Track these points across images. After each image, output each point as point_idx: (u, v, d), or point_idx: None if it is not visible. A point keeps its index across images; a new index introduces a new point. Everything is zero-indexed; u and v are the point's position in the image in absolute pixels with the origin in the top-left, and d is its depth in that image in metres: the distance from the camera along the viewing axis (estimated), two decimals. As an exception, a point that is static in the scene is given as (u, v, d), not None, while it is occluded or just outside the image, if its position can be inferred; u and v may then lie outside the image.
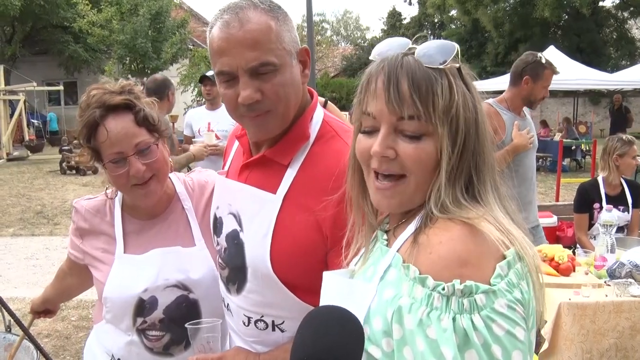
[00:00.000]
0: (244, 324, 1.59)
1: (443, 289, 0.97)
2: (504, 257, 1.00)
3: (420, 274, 1.00)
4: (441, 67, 1.06)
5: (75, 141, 9.31)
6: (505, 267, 0.99)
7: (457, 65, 1.09)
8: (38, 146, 20.93)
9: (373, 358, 1.06)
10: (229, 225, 1.61)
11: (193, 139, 5.96)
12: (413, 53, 1.08)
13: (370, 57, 1.14)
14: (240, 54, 1.38)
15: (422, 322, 0.97)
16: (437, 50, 1.07)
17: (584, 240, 4.58)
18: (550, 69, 3.91)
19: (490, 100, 3.96)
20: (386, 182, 1.09)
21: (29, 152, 20.69)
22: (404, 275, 1.03)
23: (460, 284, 0.96)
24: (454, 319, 0.95)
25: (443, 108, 1.04)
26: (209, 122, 5.77)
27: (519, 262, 1.01)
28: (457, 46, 1.08)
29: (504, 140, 3.80)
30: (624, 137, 4.70)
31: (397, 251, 1.10)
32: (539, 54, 3.99)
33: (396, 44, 1.12)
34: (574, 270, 3.50)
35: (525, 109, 4.10)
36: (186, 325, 1.54)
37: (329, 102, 3.75)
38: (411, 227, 1.10)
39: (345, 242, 1.31)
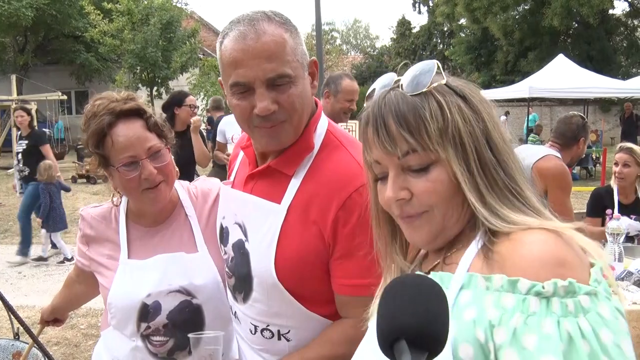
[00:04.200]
0: (251, 332, 1.61)
1: (542, 288, 0.86)
2: (592, 266, 0.93)
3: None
4: (425, 90, 1.01)
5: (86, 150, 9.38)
6: (599, 273, 0.91)
7: (443, 81, 1.03)
8: (60, 154, 21.09)
9: None
10: (234, 235, 1.63)
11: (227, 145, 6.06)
12: (398, 86, 1.04)
13: (365, 105, 1.11)
14: (258, 66, 1.39)
15: (516, 332, 0.86)
16: (416, 76, 1.02)
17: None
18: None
19: None
20: (411, 218, 1.04)
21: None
22: (483, 290, 0.93)
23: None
24: (558, 323, 0.85)
25: (438, 131, 0.99)
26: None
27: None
28: (436, 62, 1.03)
29: None
30: (621, 145, 4.69)
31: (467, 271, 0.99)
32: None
33: (381, 84, 1.09)
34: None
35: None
36: (189, 335, 1.56)
37: None
38: (472, 249, 1.01)
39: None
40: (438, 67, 1.03)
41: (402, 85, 1.04)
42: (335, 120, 3.93)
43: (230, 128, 6.04)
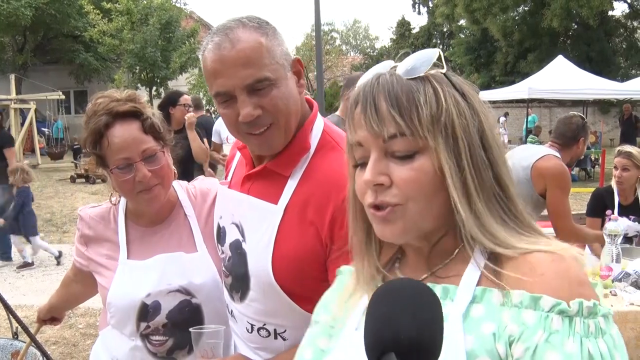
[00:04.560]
0: (247, 330, 1.61)
1: (568, 307, 0.85)
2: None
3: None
4: (422, 75, 0.96)
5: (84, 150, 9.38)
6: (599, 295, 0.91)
7: (442, 70, 0.99)
8: (59, 154, 21.11)
9: None
10: (231, 235, 1.63)
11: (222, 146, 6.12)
12: (394, 71, 0.99)
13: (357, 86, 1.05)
14: (235, 74, 1.40)
15: (537, 349, 0.84)
16: (416, 60, 0.97)
17: (595, 246, 4.56)
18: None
19: None
20: (383, 212, 0.97)
21: (50, 159, 20.87)
22: (498, 305, 0.91)
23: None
24: (580, 343, 0.84)
25: (430, 118, 0.93)
26: None
27: None
28: (438, 51, 0.98)
29: None
30: (619, 149, 4.70)
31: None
32: None
33: (377, 68, 1.03)
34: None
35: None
36: (190, 329, 1.56)
37: None
38: (474, 264, 0.97)
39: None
40: (440, 56, 0.98)
41: (397, 70, 0.99)
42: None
43: (225, 129, 6.05)
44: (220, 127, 6.21)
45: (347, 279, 1.17)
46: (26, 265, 7.74)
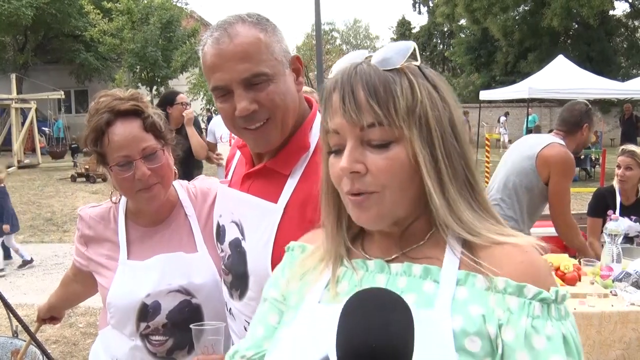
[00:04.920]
0: (245, 329, 1.61)
1: (548, 295, 0.94)
2: None
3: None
4: (398, 67, 0.99)
5: (85, 148, 9.41)
6: None
7: (417, 63, 1.02)
8: (61, 152, 21.13)
9: None
10: (231, 234, 1.63)
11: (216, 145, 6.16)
12: (369, 61, 1.02)
13: (330, 75, 1.07)
14: (232, 68, 1.41)
15: (526, 334, 0.92)
16: (392, 53, 1.00)
17: (596, 246, 4.54)
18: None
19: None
20: (360, 197, 1.00)
21: (51, 158, 20.89)
22: (482, 289, 0.96)
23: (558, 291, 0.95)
24: (558, 326, 0.94)
25: (406, 108, 0.97)
26: None
27: None
28: (413, 44, 1.01)
29: None
30: (623, 148, 4.70)
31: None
32: None
33: (352, 56, 1.05)
34: (580, 280, 3.48)
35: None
36: (191, 326, 1.56)
37: None
38: (454, 247, 1.01)
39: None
40: (414, 49, 1.01)
41: (372, 60, 1.01)
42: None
43: (219, 128, 6.16)
44: (214, 127, 6.25)
45: (298, 254, 1.22)
46: (26, 263, 7.72)
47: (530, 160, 3.84)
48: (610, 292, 3.30)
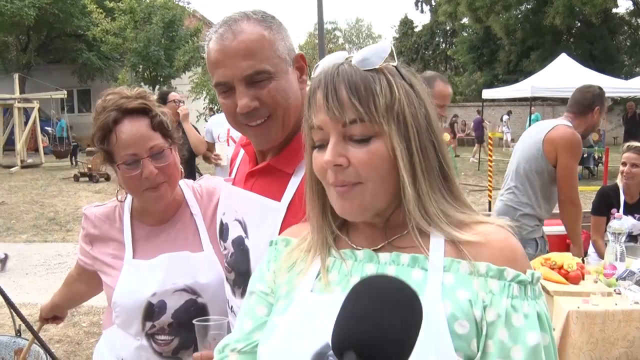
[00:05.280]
0: None
1: (526, 277, 1.02)
2: None
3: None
4: (377, 67, 1.07)
5: (88, 148, 9.41)
6: None
7: (394, 63, 1.10)
8: (65, 152, 21.16)
9: None
10: (234, 232, 1.63)
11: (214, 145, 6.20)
12: (350, 62, 1.09)
13: (312, 76, 1.14)
14: (235, 64, 1.42)
15: (507, 312, 1.00)
16: (371, 53, 1.07)
17: (599, 244, 4.55)
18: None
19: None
20: (345, 188, 1.06)
21: (55, 157, 20.93)
22: (466, 274, 1.04)
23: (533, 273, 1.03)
24: (533, 305, 1.01)
25: (385, 106, 1.04)
26: (228, 129, 5.90)
27: None
28: (390, 46, 1.09)
29: None
30: (629, 144, 4.69)
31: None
32: None
33: (332, 58, 1.12)
34: (583, 279, 3.48)
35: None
36: (194, 321, 1.56)
37: None
38: (439, 237, 1.07)
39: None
40: (391, 50, 1.08)
41: (353, 60, 1.08)
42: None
43: (216, 128, 6.17)
44: (212, 127, 6.27)
45: (283, 248, 1.26)
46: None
47: (537, 145, 3.88)
48: (614, 290, 3.29)
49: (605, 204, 4.58)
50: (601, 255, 4.52)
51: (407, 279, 1.01)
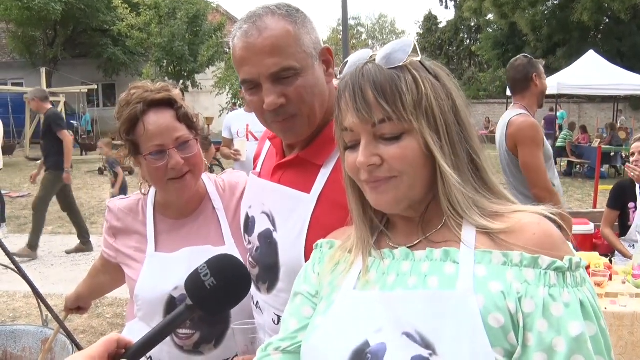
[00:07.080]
0: (274, 322, 1.60)
1: (562, 264, 0.98)
2: None
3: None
4: (401, 64, 1.07)
5: (113, 141, 9.50)
6: None
7: (418, 58, 1.10)
8: (93, 145, 21.45)
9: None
10: (261, 225, 1.62)
11: (232, 141, 6.14)
12: (374, 60, 1.09)
13: (339, 75, 1.16)
14: (261, 62, 1.41)
15: (545, 302, 0.96)
16: (394, 51, 1.08)
17: (607, 234, 4.61)
18: None
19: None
20: (378, 182, 1.09)
21: (83, 150, 21.20)
22: (499, 265, 1.01)
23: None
24: (574, 293, 0.97)
25: (412, 102, 1.05)
26: (247, 124, 5.88)
27: None
28: (413, 41, 1.09)
29: None
30: (638, 135, 4.65)
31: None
32: None
33: (357, 57, 1.13)
34: (611, 280, 3.42)
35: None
36: (232, 326, 1.57)
37: None
38: (470, 228, 1.07)
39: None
40: (414, 45, 1.08)
41: (376, 59, 1.09)
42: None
43: (235, 123, 6.13)
44: (230, 122, 6.22)
45: (327, 250, 1.29)
46: None
47: (503, 143, 3.83)
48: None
49: (620, 197, 4.63)
50: (610, 244, 4.56)
51: (440, 273, 1.05)
